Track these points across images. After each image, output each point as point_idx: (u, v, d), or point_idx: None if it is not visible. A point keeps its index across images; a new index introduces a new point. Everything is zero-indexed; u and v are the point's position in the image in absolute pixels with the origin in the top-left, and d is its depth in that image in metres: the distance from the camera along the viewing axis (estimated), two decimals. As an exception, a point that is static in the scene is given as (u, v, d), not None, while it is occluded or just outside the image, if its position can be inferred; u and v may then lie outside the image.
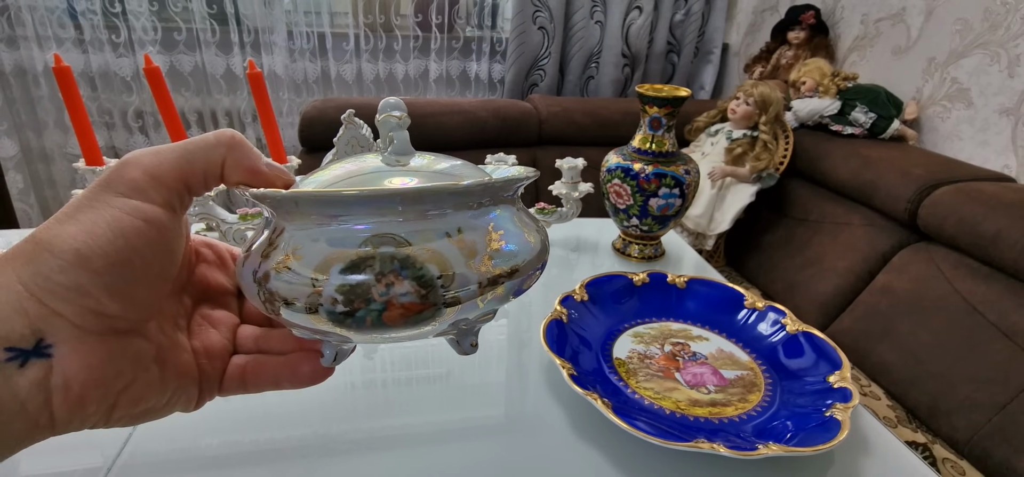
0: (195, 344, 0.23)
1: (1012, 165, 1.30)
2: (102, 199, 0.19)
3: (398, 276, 0.18)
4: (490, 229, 0.20)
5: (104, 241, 0.18)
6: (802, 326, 0.53)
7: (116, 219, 0.18)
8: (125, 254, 0.18)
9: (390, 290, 0.18)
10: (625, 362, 0.50)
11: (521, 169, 0.25)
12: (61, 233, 0.18)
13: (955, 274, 1.11)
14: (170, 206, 0.20)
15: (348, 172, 0.23)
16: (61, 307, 0.17)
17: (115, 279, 0.18)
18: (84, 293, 0.17)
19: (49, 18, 1.56)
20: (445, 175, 0.23)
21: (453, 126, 1.65)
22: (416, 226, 0.19)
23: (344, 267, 0.18)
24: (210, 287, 0.25)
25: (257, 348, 0.24)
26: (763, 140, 1.53)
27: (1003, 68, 1.31)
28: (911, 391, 1.06)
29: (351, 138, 0.65)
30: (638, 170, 0.69)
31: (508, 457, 0.41)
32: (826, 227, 1.46)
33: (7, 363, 0.17)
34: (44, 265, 0.17)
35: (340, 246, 0.18)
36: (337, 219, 0.19)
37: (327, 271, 0.18)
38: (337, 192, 0.19)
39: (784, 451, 0.37)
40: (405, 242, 0.19)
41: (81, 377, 0.18)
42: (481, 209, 0.21)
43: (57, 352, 0.17)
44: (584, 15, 1.94)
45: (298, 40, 1.78)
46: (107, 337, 0.18)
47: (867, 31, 1.67)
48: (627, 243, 0.76)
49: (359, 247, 0.18)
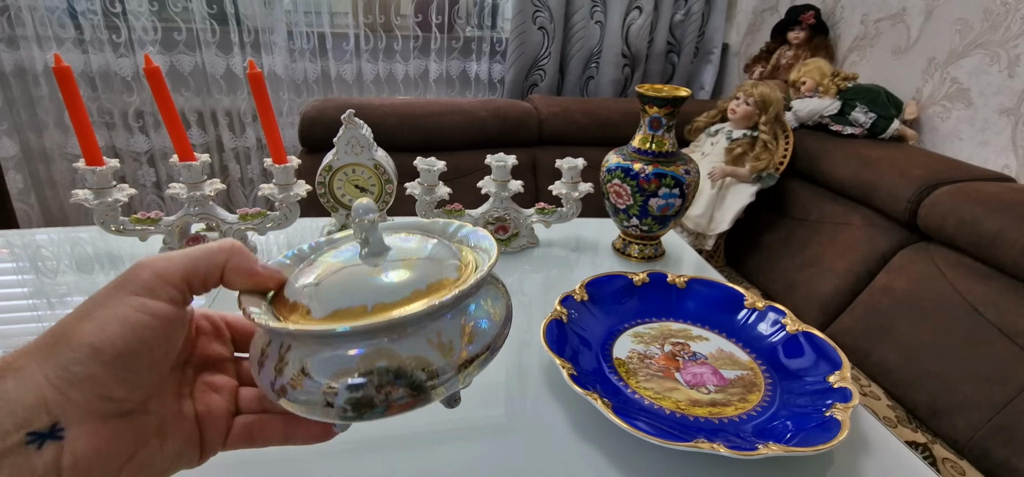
0: (199, 408, 0.26)
1: (1012, 165, 1.31)
2: (116, 297, 0.22)
3: (393, 385, 0.22)
4: (463, 323, 0.24)
5: (115, 335, 0.21)
6: (802, 326, 0.53)
7: (126, 315, 0.22)
8: (133, 346, 0.21)
9: (388, 397, 0.22)
10: (625, 362, 0.50)
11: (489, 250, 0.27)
12: (78, 329, 0.21)
13: (955, 274, 1.11)
14: (174, 302, 0.23)
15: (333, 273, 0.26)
16: (75, 394, 0.20)
17: (123, 367, 0.21)
18: (96, 381, 0.20)
19: (49, 18, 1.56)
20: (422, 267, 0.26)
21: (453, 126, 1.65)
22: (403, 341, 0.23)
23: (349, 385, 0.22)
24: (210, 357, 0.28)
25: (261, 408, 0.27)
26: (763, 140, 1.53)
27: (1003, 68, 1.31)
28: (911, 391, 1.06)
29: (351, 138, 0.65)
30: (638, 170, 0.69)
31: (508, 457, 0.41)
32: (826, 227, 1.46)
33: (27, 446, 0.19)
34: (62, 357, 0.20)
35: (342, 366, 0.22)
36: (335, 347, 0.23)
37: (335, 387, 0.22)
38: (331, 330, 0.22)
39: (784, 451, 0.37)
40: (396, 355, 0.22)
41: (88, 455, 0.20)
42: (454, 310, 0.24)
43: (68, 434, 0.20)
44: (584, 15, 1.94)
45: (298, 40, 1.78)
46: (112, 419, 0.21)
47: (867, 31, 1.67)
48: (627, 243, 0.76)
49: (358, 365, 0.22)
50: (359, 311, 0.23)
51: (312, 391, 0.22)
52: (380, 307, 0.23)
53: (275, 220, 0.69)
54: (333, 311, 0.23)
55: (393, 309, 0.23)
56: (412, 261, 0.26)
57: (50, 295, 0.60)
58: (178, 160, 0.64)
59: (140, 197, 1.84)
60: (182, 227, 0.67)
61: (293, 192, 0.68)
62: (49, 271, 0.65)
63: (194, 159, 0.64)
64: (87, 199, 0.61)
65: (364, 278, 0.25)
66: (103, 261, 0.67)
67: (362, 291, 0.24)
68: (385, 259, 0.26)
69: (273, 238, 0.75)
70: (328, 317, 0.23)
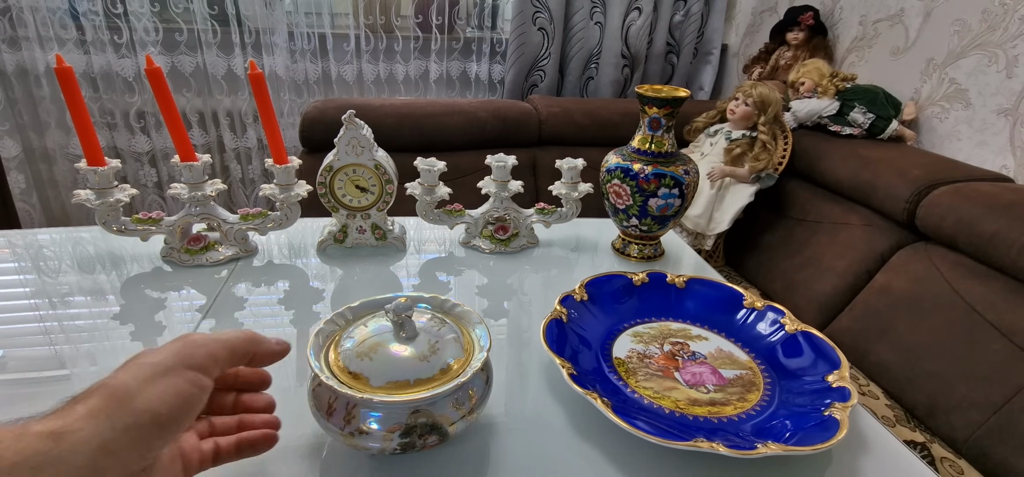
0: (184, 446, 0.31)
1: (1010, 165, 1.31)
2: (176, 371, 0.26)
3: (428, 434, 0.36)
4: (469, 389, 0.38)
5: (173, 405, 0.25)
6: (801, 326, 0.53)
7: (182, 389, 0.26)
8: (184, 413, 0.26)
9: (425, 441, 0.36)
10: (625, 361, 0.51)
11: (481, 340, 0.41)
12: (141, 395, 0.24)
13: (953, 274, 1.11)
14: (214, 378, 0.29)
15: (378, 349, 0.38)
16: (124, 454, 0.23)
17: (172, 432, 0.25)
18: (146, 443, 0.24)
19: (51, 19, 1.56)
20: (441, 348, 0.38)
21: (453, 127, 1.65)
22: (434, 405, 0.36)
23: (400, 435, 0.35)
24: None
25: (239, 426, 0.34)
26: (762, 140, 1.54)
27: (1001, 69, 1.31)
28: (909, 390, 1.06)
29: (352, 138, 0.65)
30: (637, 170, 0.69)
31: (508, 457, 0.41)
32: (825, 227, 1.46)
33: None
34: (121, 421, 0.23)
35: (397, 421, 0.35)
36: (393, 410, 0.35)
37: (391, 436, 0.35)
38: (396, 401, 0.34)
39: (783, 450, 0.38)
40: (431, 414, 0.36)
41: None
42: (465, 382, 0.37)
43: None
44: (584, 16, 1.94)
45: (299, 41, 1.79)
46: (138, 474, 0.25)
47: (866, 32, 1.67)
48: (627, 243, 0.77)
49: (407, 421, 0.35)
50: (403, 385, 0.35)
51: (375, 437, 0.35)
52: (419, 382, 0.36)
53: (276, 220, 0.69)
54: (387, 382, 0.35)
55: (428, 384, 0.36)
56: (434, 345, 0.38)
57: (52, 295, 0.60)
58: (179, 160, 0.64)
59: (141, 197, 1.85)
60: (183, 227, 0.67)
61: (294, 192, 0.68)
62: (51, 271, 0.65)
63: (195, 159, 0.64)
64: (89, 199, 0.61)
65: (404, 358, 0.37)
66: (104, 261, 0.67)
67: (406, 369, 0.36)
68: (415, 342, 0.38)
69: (274, 238, 0.75)
70: (384, 387, 0.35)
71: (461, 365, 0.38)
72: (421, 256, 0.74)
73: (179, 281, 0.63)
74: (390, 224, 0.73)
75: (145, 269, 0.66)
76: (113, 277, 0.64)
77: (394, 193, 0.69)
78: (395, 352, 0.37)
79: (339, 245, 0.72)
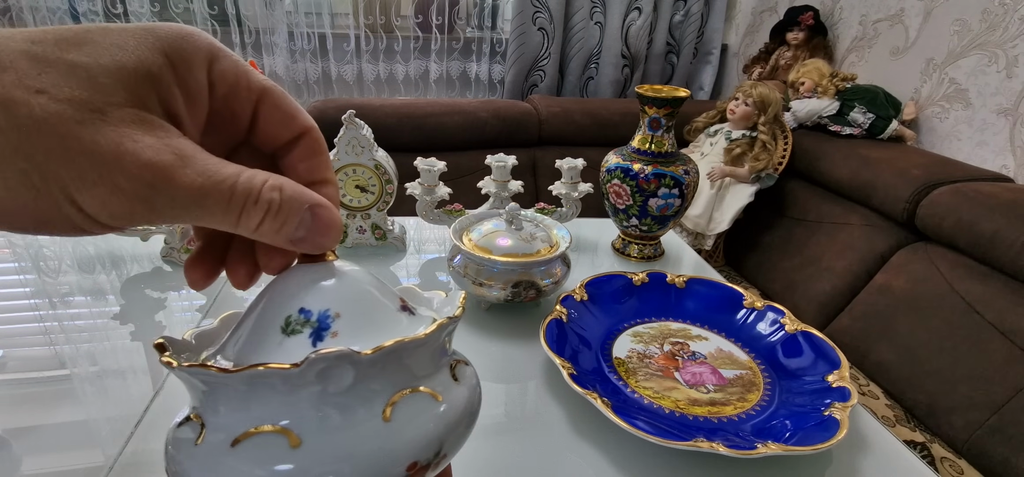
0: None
1: (1010, 165, 1.31)
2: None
3: (528, 290, 0.55)
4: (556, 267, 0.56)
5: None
6: (801, 325, 0.53)
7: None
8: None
9: (527, 293, 0.55)
10: (624, 361, 0.51)
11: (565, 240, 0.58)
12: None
13: (953, 274, 1.11)
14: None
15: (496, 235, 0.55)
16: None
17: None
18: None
19: (50, 18, 1.56)
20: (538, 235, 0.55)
21: (453, 126, 1.65)
22: (532, 269, 0.54)
23: (512, 285, 0.54)
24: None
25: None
26: (762, 140, 1.54)
27: (1001, 69, 1.31)
28: (909, 390, 1.06)
29: (352, 138, 0.65)
30: (637, 170, 0.69)
31: (508, 457, 0.41)
32: (825, 227, 1.46)
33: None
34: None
35: (507, 279, 0.54)
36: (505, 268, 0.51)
37: (505, 287, 0.54)
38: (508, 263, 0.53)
39: (783, 450, 0.38)
40: (530, 275, 0.54)
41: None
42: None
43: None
44: (584, 16, 1.94)
45: (299, 41, 1.79)
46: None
47: (866, 32, 1.67)
48: (626, 243, 0.77)
49: (516, 279, 0.54)
50: (513, 255, 0.54)
51: (495, 289, 0.54)
52: (524, 255, 0.54)
53: (276, 220, 0.69)
54: (503, 254, 0.54)
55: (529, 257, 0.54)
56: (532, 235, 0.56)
57: (52, 295, 0.60)
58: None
59: (140, 197, 1.85)
60: (183, 227, 0.67)
61: (294, 192, 0.68)
62: (51, 271, 0.65)
63: (195, 160, 0.64)
64: (89, 199, 0.61)
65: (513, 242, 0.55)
66: (104, 261, 0.67)
67: (514, 249, 0.54)
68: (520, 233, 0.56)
69: (274, 238, 0.75)
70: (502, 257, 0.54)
71: (549, 251, 0.55)
72: (421, 256, 0.74)
73: (179, 281, 0.63)
74: (390, 224, 0.73)
75: (145, 269, 0.65)
76: (113, 277, 0.64)
77: (394, 193, 0.69)
78: (507, 238, 0.55)
79: (339, 245, 0.72)
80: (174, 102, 0.19)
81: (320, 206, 0.21)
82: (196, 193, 0.18)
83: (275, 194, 0.19)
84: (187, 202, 0.18)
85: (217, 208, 0.18)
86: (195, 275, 0.24)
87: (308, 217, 0.20)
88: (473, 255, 0.53)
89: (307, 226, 0.20)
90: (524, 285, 0.54)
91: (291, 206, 0.20)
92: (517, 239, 0.55)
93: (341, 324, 0.20)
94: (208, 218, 0.18)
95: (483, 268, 0.54)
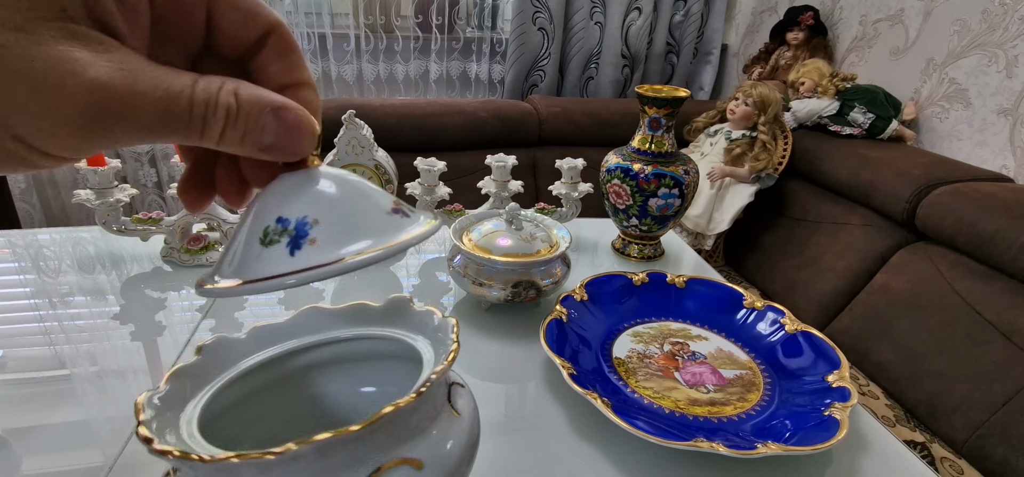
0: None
1: (1010, 165, 1.31)
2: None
3: (528, 290, 0.54)
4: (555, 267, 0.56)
5: None
6: (801, 325, 0.53)
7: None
8: None
9: (527, 293, 0.55)
10: (624, 361, 0.51)
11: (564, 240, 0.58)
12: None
13: (953, 274, 1.11)
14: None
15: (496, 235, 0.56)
16: None
17: None
18: None
19: None
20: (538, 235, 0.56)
21: (453, 127, 1.65)
22: (532, 269, 0.54)
23: (512, 285, 0.54)
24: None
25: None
26: (762, 140, 1.54)
27: (1001, 69, 1.31)
28: (909, 390, 1.06)
29: (352, 138, 0.65)
30: (637, 170, 0.69)
31: (508, 457, 0.41)
32: (825, 227, 1.46)
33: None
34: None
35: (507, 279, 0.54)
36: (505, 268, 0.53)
37: (505, 287, 0.55)
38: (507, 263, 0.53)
39: (783, 450, 0.38)
40: (530, 275, 0.54)
41: None
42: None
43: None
44: (584, 16, 1.94)
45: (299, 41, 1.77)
46: None
47: (866, 32, 1.67)
48: (627, 243, 0.77)
49: (515, 279, 0.54)
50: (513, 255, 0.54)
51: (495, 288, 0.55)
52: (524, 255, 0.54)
53: (276, 220, 0.69)
54: (503, 254, 0.54)
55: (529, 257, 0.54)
56: (532, 235, 0.56)
57: (52, 295, 0.60)
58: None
59: (141, 197, 1.84)
60: (183, 227, 0.67)
61: (294, 192, 0.68)
62: (51, 271, 0.65)
63: (195, 160, 0.64)
64: (89, 199, 0.61)
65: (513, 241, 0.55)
66: (104, 261, 0.67)
67: (514, 248, 0.54)
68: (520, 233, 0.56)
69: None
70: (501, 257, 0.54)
71: (549, 251, 0.55)
72: (421, 256, 0.74)
73: (179, 281, 0.63)
74: (390, 224, 0.73)
75: (145, 269, 0.65)
76: (113, 277, 0.64)
77: (394, 193, 0.69)
78: (507, 237, 0.54)
79: (339, 245, 0.72)
80: (106, 11, 0.16)
81: (283, 108, 0.19)
82: (153, 110, 0.16)
83: (231, 99, 0.17)
84: (146, 121, 0.16)
85: (178, 123, 0.17)
86: (188, 199, 0.22)
87: (271, 121, 0.19)
88: (473, 255, 0.53)
89: (273, 132, 0.19)
90: (524, 285, 0.54)
91: (250, 110, 0.18)
92: (517, 239, 0.55)
93: (320, 230, 0.19)
94: (170, 135, 0.17)
95: (483, 268, 0.54)
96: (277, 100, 0.19)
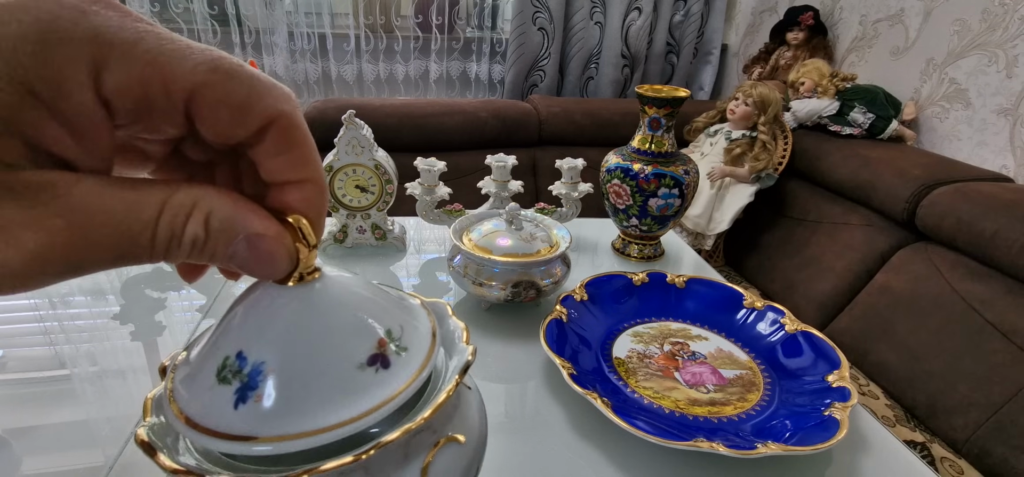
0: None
1: (1010, 165, 1.31)
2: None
3: (528, 290, 0.54)
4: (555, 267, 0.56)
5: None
6: (801, 325, 0.53)
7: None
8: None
9: (527, 293, 0.54)
10: (624, 361, 0.51)
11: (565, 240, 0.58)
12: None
13: (953, 274, 1.11)
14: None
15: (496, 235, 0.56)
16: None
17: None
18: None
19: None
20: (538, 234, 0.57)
21: (453, 126, 1.65)
22: (532, 269, 0.54)
23: (512, 285, 0.53)
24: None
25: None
26: (762, 140, 1.54)
27: (1001, 69, 1.31)
28: (909, 390, 1.06)
29: (352, 138, 0.65)
30: (637, 170, 0.69)
31: (508, 457, 0.41)
32: (825, 227, 1.46)
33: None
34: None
35: (508, 278, 0.54)
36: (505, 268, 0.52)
37: (505, 287, 0.53)
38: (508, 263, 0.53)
39: (783, 450, 0.37)
40: (530, 275, 0.54)
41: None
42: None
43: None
44: (584, 16, 1.95)
45: (299, 41, 1.79)
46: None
47: (866, 32, 1.67)
48: (626, 243, 0.77)
49: (515, 279, 0.54)
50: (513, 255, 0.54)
51: (495, 289, 0.54)
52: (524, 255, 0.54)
53: (276, 220, 0.69)
54: (503, 255, 0.54)
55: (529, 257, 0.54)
56: (532, 235, 0.56)
57: (52, 295, 0.60)
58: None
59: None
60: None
61: (294, 192, 0.68)
62: (51, 271, 0.65)
63: (195, 160, 0.64)
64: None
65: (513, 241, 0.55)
66: (104, 261, 0.67)
67: (514, 248, 0.54)
68: (520, 233, 0.56)
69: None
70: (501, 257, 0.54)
71: (549, 251, 0.54)
72: (421, 256, 0.74)
73: (179, 281, 0.63)
74: (390, 224, 0.73)
75: (145, 269, 0.66)
76: (113, 277, 0.64)
77: (394, 193, 0.69)
78: (507, 238, 0.54)
79: (339, 245, 0.72)
80: (51, 139, 0.14)
81: (258, 237, 0.17)
82: (109, 256, 0.15)
83: (199, 229, 0.16)
84: (101, 264, 0.15)
85: (139, 257, 0.15)
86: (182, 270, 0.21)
87: (242, 248, 0.17)
88: (473, 255, 0.54)
89: (242, 259, 0.17)
90: (524, 285, 0.54)
91: (218, 237, 0.16)
92: (517, 239, 0.55)
93: (270, 385, 0.17)
94: (132, 263, 0.16)
95: (483, 268, 0.54)
96: (253, 228, 0.17)
